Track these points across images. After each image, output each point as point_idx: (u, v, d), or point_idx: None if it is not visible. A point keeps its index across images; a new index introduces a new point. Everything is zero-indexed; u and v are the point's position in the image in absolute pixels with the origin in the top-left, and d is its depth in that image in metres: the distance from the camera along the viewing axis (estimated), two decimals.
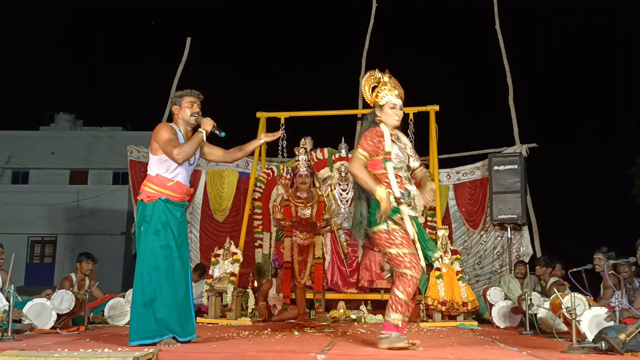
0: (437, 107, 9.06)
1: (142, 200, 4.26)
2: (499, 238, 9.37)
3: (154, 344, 3.96)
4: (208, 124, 4.38)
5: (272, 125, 9.49)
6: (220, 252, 7.58)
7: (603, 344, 3.77)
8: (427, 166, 9.23)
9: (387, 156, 4.10)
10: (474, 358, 3.49)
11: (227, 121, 4.55)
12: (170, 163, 4.28)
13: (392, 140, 4.16)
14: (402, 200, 4.03)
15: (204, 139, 4.39)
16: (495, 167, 9.04)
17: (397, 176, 4.10)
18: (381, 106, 4.21)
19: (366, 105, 10.38)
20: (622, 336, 3.75)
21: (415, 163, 4.31)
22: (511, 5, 12.45)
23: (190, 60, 10.59)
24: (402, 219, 4.02)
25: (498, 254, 9.35)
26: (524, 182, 8.99)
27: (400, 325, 3.92)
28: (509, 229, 9.06)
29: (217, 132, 4.45)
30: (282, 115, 9.34)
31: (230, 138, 4.58)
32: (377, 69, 4.34)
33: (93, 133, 24.27)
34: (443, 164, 9.67)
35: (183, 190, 4.35)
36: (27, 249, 23.05)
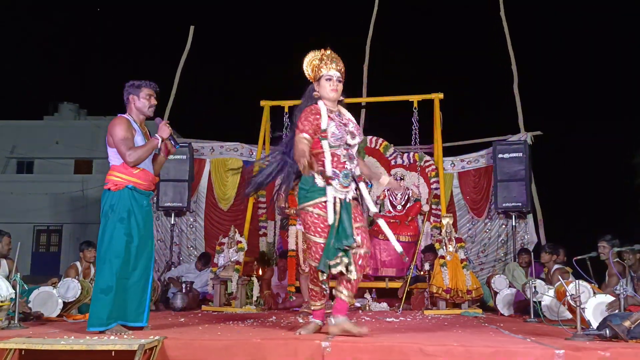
0: (441, 95, 9.03)
1: (109, 189, 4.24)
2: (504, 226, 9.36)
3: (103, 332, 4.01)
4: (165, 132, 4.34)
5: (276, 114, 9.48)
6: (225, 240, 7.60)
7: (607, 331, 3.77)
8: (431, 154, 9.22)
9: (323, 134, 3.96)
10: (478, 345, 3.50)
11: (231, 109, 4.52)
12: None
13: (329, 117, 4.02)
14: (332, 180, 3.90)
15: (159, 145, 4.35)
16: (500, 155, 9.01)
17: (333, 155, 3.97)
18: (318, 80, 4.12)
19: (370, 93, 10.40)
20: (627, 323, 3.74)
21: (353, 140, 4.16)
22: None
23: (194, 48, 10.56)
24: (325, 202, 3.91)
25: (502, 242, 9.34)
26: (529, 170, 8.97)
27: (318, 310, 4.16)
28: (513, 217, 9.05)
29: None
30: (286, 104, 9.32)
31: (235, 127, 4.56)
32: (322, 49, 4.20)
33: (97, 122, 24.26)
34: (447, 152, 9.66)
35: (149, 177, 4.37)
36: (32, 239, 23.14)
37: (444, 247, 7.13)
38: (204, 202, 9.82)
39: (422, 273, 7.70)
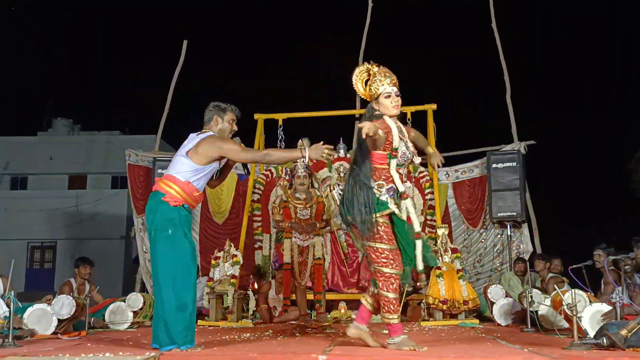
0: (434, 106, 9.06)
1: (167, 202, 4.00)
2: (499, 236, 9.36)
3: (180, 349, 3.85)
4: (316, 155, 4.06)
5: (270, 127, 9.49)
6: (220, 254, 7.57)
7: (604, 340, 3.77)
8: (425, 165, 9.24)
9: (394, 153, 3.99)
10: (476, 356, 3.49)
11: None
12: (202, 175, 4.11)
13: (399, 136, 4.03)
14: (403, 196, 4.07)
15: (302, 158, 4.09)
16: (494, 165, 9.04)
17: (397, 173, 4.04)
18: (376, 99, 4.11)
19: (364, 105, 10.41)
20: (624, 332, 3.74)
21: (417, 159, 4.22)
22: (507, 2, 12.45)
23: (187, 63, 10.58)
24: (391, 214, 4.02)
25: (498, 251, 9.34)
26: (523, 179, 8.99)
27: (397, 323, 3.97)
28: (508, 226, 9.06)
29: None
30: (280, 117, 9.34)
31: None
32: (365, 62, 4.21)
33: (91, 138, 24.25)
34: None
35: (200, 200, 4.27)
36: (26, 255, 23.01)
37: (440, 257, 7.12)
38: (198, 215, 9.78)
39: (418, 284, 7.69)
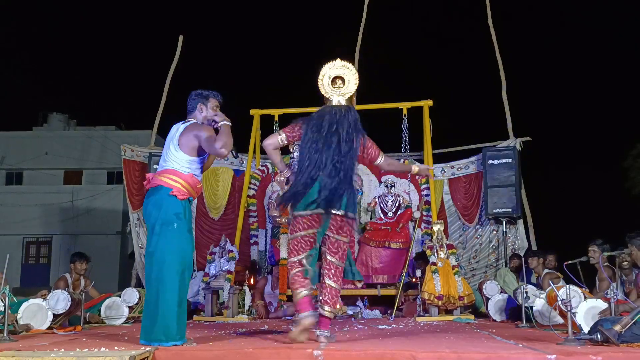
0: (430, 102, 9.06)
1: (174, 195, 4.00)
2: (494, 232, 9.39)
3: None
4: (225, 120, 4.20)
5: (266, 122, 9.48)
6: (216, 250, 7.57)
7: (599, 336, 3.78)
8: (421, 161, 9.24)
9: None
10: (471, 352, 3.50)
11: None
12: (198, 165, 4.19)
13: None
14: None
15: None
16: (490, 161, 9.06)
17: None
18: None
19: (360, 101, 10.37)
20: (618, 327, 3.76)
21: None
22: None
23: (183, 58, 10.55)
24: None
25: (493, 247, 9.37)
26: (519, 175, 9.01)
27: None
28: (504, 222, 9.08)
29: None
30: (276, 113, 9.33)
31: None
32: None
33: (87, 133, 24.17)
34: (437, 159, 9.69)
35: (200, 191, 4.31)
36: (22, 250, 22.95)
37: (435, 253, 7.14)
38: (194, 211, 9.77)
39: (413, 280, 7.70)
